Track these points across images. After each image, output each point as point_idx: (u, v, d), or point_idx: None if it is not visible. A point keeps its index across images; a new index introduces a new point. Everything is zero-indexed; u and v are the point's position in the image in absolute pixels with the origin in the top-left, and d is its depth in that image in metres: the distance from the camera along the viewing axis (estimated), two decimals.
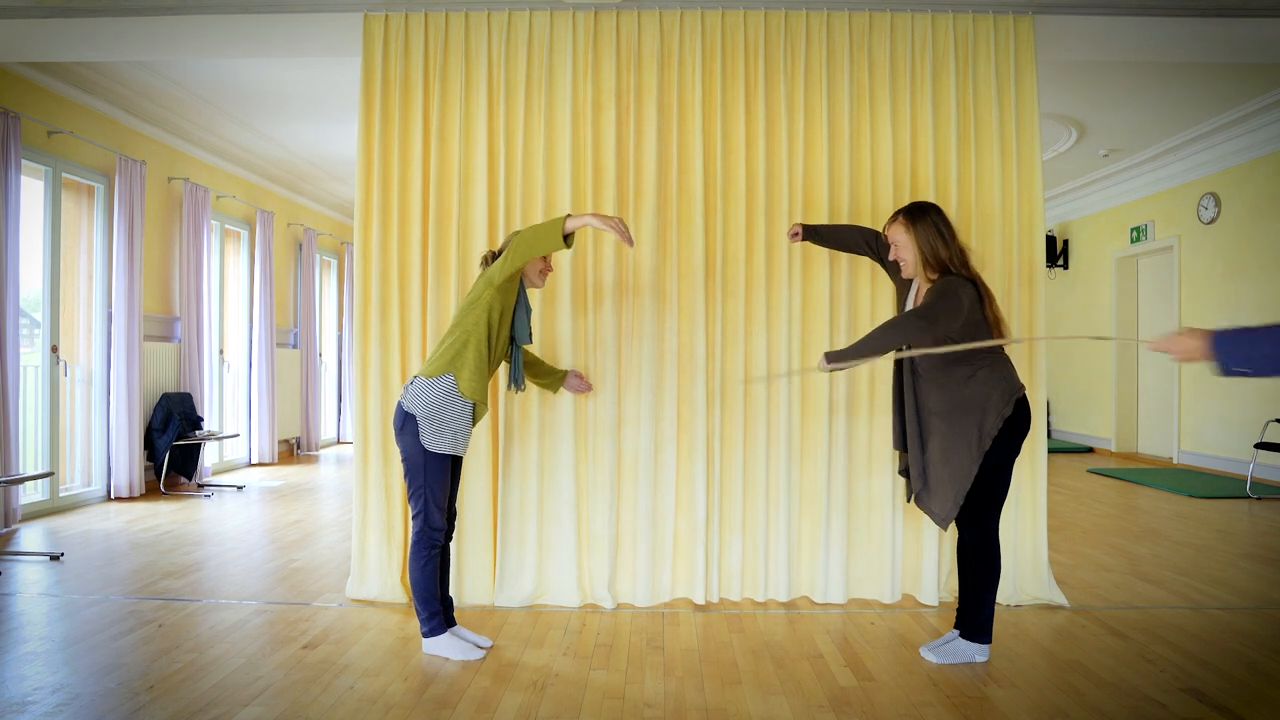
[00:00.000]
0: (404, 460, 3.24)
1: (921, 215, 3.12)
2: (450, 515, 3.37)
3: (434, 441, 3.17)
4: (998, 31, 4.11)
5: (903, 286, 3.33)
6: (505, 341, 3.34)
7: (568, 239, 3.06)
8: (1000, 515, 3.17)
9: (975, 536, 3.13)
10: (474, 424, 3.30)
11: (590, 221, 3.06)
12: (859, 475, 4.03)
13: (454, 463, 3.33)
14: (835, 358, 2.94)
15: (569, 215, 3.11)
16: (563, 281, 4.00)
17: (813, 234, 3.64)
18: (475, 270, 4.01)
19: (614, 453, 3.99)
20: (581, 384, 3.79)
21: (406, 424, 3.20)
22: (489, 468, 4.01)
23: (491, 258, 3.35)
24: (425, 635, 3.28)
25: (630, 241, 3.09)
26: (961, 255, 3.10)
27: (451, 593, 3.93)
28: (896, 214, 3.19)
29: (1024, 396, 3.06)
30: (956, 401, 3.05)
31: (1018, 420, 3.04)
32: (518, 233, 3.23)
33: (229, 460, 8.33)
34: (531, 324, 3.47)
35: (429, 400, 3.18)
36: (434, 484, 3.21)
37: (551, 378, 3.72)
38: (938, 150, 4.07)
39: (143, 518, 5.84)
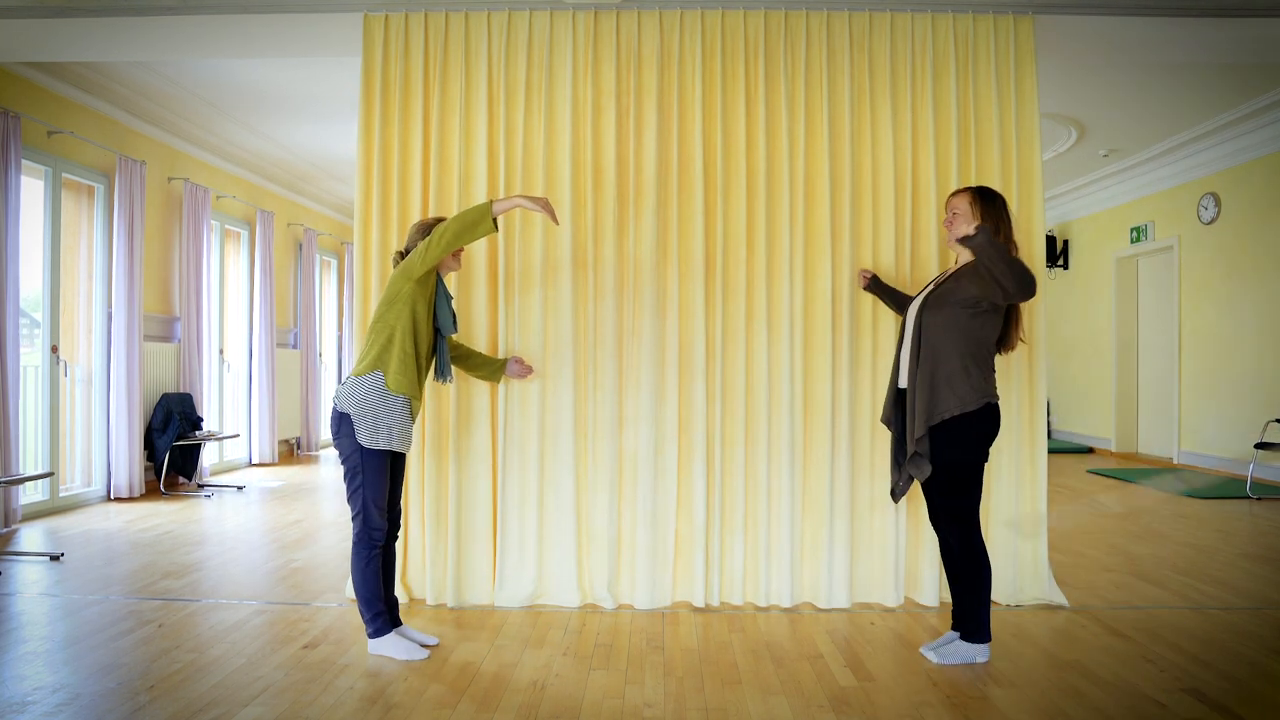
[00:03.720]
0: (343, 462, 3.22)
1: (993, 197, 3.26)
2: (395, 515, 3.35)
3: (370, 439, 3.16)
4: (998, 31, 4.11)
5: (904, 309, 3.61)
6: (431, 335, 3.33)
7: (495, 222, 3.16)
8: (979, 516, 3.23)
9: (958, 539, 3.19)
10: (412, 420, 3.29)
11: (519, 203, 3.18)
12: (862, 476, 4.02)
13: (394, 461, 3.31)
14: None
15: (493, 200, 3.19)
16: (563, 281, 4.00)
17: (876, 286, 3.85)
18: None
19: (614, 453, 3.98)
20: (523, 369, 3.81)
21: (342, 425, 3.19)
22: (489, 467, 4.01)
23: (400, 257, 3.34)
24: (370, 636, 3.26)
25: (556, 220, 3.23)
26: (1013, 247, 3.26)
27: (452, 593, 3.94)
28: (967, 189, 3.29)
29: (995, 403, 3.17)
30: (945, 375, 3.13)
31: (985, 422, 3.13)
32: (424, 224, 3.30)
33: (229, 460, 8.33)
34: (455, 311, 3.47)
35: (359, 398, 3.17)
36: (371, 483, 3.20)
37: (490, 368, 3.74)
38: (938, 150, 4.07)
39: (143, 518, 5.84)
